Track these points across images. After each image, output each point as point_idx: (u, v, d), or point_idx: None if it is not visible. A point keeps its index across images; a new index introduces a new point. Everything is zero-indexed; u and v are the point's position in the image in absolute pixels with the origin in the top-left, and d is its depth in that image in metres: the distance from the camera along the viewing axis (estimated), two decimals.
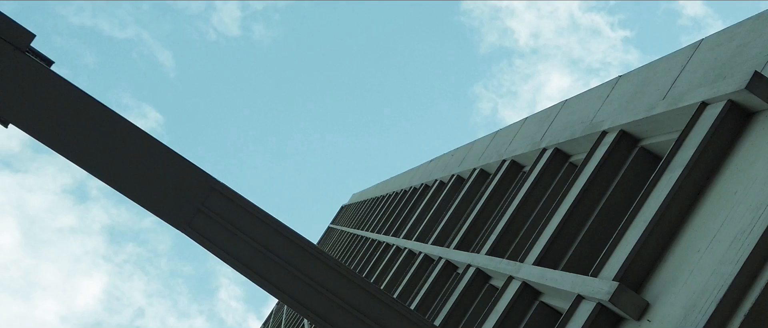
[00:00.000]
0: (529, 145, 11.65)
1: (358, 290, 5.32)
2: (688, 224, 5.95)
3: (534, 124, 12.66)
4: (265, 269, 5.39)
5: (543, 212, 9.69)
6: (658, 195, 6.29)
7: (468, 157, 16.78)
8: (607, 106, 9.43)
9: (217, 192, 5.52)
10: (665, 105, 7.28)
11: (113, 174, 5.41)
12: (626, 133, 8.02)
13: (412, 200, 21.31)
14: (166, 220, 5.52)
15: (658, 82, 8.17)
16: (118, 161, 5.42)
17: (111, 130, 5.43)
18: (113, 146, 5.43)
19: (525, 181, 10.61)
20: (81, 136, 5.39)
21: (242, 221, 5.46)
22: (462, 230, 12.63)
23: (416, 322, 5.29)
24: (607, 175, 7.98)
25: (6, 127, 5.40)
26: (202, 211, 5.50)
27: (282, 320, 41.33)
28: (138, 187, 5.44)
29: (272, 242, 5.42)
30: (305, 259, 5.38)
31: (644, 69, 9.03)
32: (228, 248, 5.45)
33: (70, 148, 5.37)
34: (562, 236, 7.99)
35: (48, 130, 5.36)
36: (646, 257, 6.05)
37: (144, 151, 5.46)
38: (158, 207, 5.48)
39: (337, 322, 5.31)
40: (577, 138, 9.50)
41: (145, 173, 5.44)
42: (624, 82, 9.47)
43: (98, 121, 5.42)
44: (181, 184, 5.49)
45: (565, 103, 11.70)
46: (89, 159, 5.39)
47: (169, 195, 5.48)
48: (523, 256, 8.62)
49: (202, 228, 5.48)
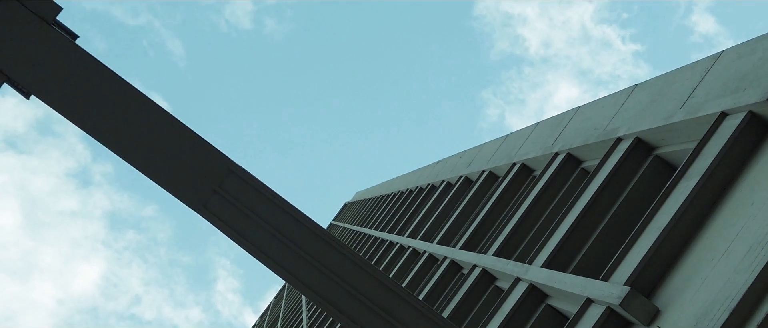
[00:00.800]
0: (541, 150, 11.65)
1: (370, 280, 5.32)
2: (702, 232, 5.94)
3: (546, 128, 12.65)
4: (278, 253, 5.39)
5: (553, 216, 9.68)
6: (673, 202, 6.29)
7: (477, 160, 16.77)
8: (622, 113, 9.42)
9: (234, 175, 5.52)
10: (683, 114, 7.28)
11: (132, 151, 5.42)
12: (641, 141, 8.01)
13: (417, 199, 21.30)
14: (182, 200, 5.52)
15: (675, 91, 8.15)
16: (137, 139, 5.43)
17: (132, 108, 5.43)
18: (134, 123, 5.43)
19: (535, 184, 10.60)
20: (102, 111, 5.40)
21: (258, 204, 5.47)
22: (469, 231, 12.63)
23: (427, 314, 5.29)
24: (621, 181, 7.98)
25: (28, 98, 5.41)
26: (218, 192, 5.50)
27: (280, 313, 41.36)
28: (156, 165, 5.44)
29: (287, 227, 5.42)
30: (319, 246, 5.37)
31: (661, 78, 9.01)
32: (242, 231, 5.45)
33: (91, 122, 5.38)
34: (572, 240, 7.99)
35: (69, 104, 5.36)
36: (659, 264, 6.05)
37: (164, 129, 5.46)
38: (175, 187, 5.48)
39: (347, 310, 5.31)
40: (590, 144, 9.49)
41: (163, 152, 5.45)
42: (640, 90, 9.45)
43: (120, 97, 5.42)
44: (198, 164, 5.49)
45: (579, 109, 11.69)
46: (108, 134, 5.40)
47: (187, 175, 5.48)
48: (531, 258, 8.62)
49: (218, 210, 5.48)
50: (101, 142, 5.40)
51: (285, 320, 34.94)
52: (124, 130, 5.41)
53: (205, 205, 5.49)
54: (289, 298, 43.79)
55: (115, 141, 5.40)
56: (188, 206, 5.53)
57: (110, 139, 5.40)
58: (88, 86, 5.40)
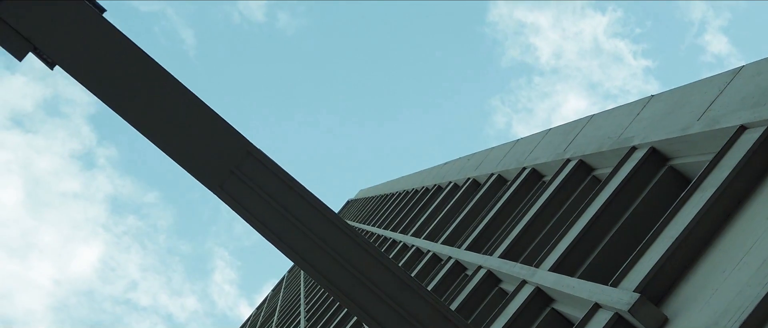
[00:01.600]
0: (552, 155, 11.65)
1: (383, 271, 5.32)
2: (715, 244, 5.94)
3: (558, 135, 12.66)
4: (292, 238, 5.40)
5: (562, 221, 9.69)
6: (687, 212, 6.29)
7: (485, 163, 16.78)
8: (637, 123, 9.42)
9: (252, 157, 5.53)
10: (701, 126, 7.28)
11: (152, 127, 5.43)
12: (656, 151, 8.01)
13: (423, 199, 21.31)
14: (198, 178, 5.53)
15: (693, 104, 8.16)
16: (158, 115, 5.44)
17: (155, 84, 5.45)
18: (156, 100, 5.44)
19: (545, 189, 10.60)
20: (125, 85, 5.41)
21: (275, 188, 5.47)
22: (475, 232, 12.63)
23: (439, 309, 5.30)
24: (633, 189, 7.98)
25: (52, 69, 5.42)
26: (235, 174, 5.51)
27: (277, 306, 41.38)
28: (175, 143, 5.45)
29: (303, 213, 5.42)
30: (334, 233, 5.38)
31: (678, 91, 9.02)
32: (258, 214, 5.46)
33: (113, 96, 5.39)
34: (581, 245, 7.99)
35: (93, 77, 5.38)
36: (670, 272, 6.05)
37: (186, 108, 5.47)
38: (192, 165, 5.49)
39: (358, 299, 5.31)
40: (603, 152, 9.49)
41: (183, 130, 5.46)
42: (656, 101, 9.46)
43: (144, 73, 5.44)
44: (217, 144, 5.50)
45: (592, 117, 11.70)
46: (129, 109, 5.41)
47: (204, 154, 5.49)
48: (538, 261, 8.62)
49: (234, 191, 5.49)
50: (121, 116, 5.41)
51: (282, 313, 34.96)
52: (146, 106, 5.42)
53: (222, 185, 5.50)
54: (287, 291, 43.82)
55: (135, 116, 5.42)
56: (205, 185, 5.54)
57: (131, 113, 5.41)
58: (112, 60, 5.41)
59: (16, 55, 5.30)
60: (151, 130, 5.42)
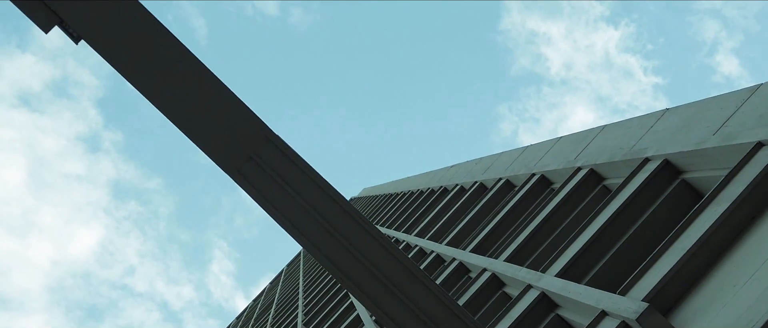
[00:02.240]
0: (563, 163, 11.66)
1: (397, 265, 5.33)
2: (727, 258, 5.95)
3: (569, 143, 12.66)
4: (307, 227, 5.41)
5: (570, 228, 9.70)
6: (700, 225, 6.30)
7: (493, 167, 16.78)
8: (650, 135, 9.42)
9: (272, 144, 5.53)
10: (716, 141, 7.29)
11: (174, 107, 5.44)
12: (670, 163, 8.02)
13: (428, 200, 21.31)
14: (216, 162, 5.54)
15: (709, 119, 8.16)
16: (181, 96, 5.45)
17: (179, 64, 5.46)
18: (179, 80, 5.45)
19: (554, 196, 10.61)
20: (150, 64, 5.43)
21: (293, 176, 5.48)
22: (480, 235, 12.64)
23: (449, 305, 5.31)
24: (644, 200, 7.99)
25: (77, 43, 5.44)
26: (254, 160, 5.51)
27: (274, 299, 41.40)
28: (196, 124, 5.46)
29: (320, 202, 5.43)
30: (350, 225, 5.39)
31: (694, 105, 9.02)
32: (274, 201, 5.47)
33: (136, 73, 5.41)
34: (589, 253, 8.00)
35: (118, 53, 5.39)
36: (679, 284, 6.06)
37: (208, 90, 5.48)
38: (211, 148, 5.50)
39: (370, 291, 5.32)
40: (616, 162, 9.50)
41: (205, 111, 5.47)
42: (671, 115, 9.46)
43: (168, 53, 5.45)
44: (237, 129, 5.51)
45: (604, 128, 11.71)
46: (153, 87, 5.42)
47: (224, 138, 5.50)
48: (545, 267, 8.63)
49: (252, 177, 5.50)
50: (143, 94, 5.42)
51: (279, 306, 34.97)
52: (169, 86, 5.44)
53: (239, 170, 5.51)
54: (285, 285, 43.83)
55: (157, 95, 5.43)
56: (222, 169, 5.55)
57: (153, 92, 5.42)
58: (137, 38, 5.42)
59: (43, 28, 5.32)
60: (172, 111, 5.43)
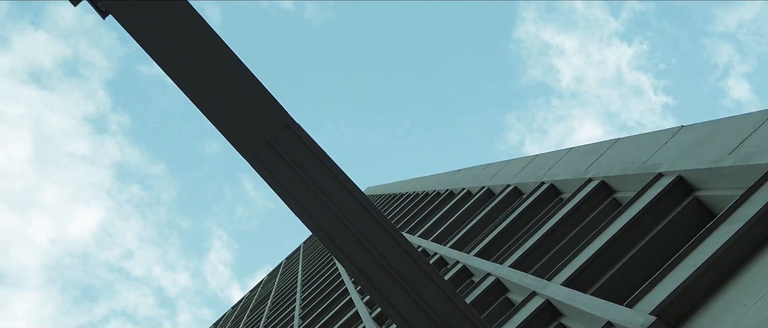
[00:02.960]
0: (573, 173, 11.64)
1: (408, 260, 5.33)
2: (737, 277, 5.93)
3: (580, 154, 12.65)
4: (321, 216, 5.41)
5: (578, 238, 9.68)
6: (712, 243, 6.28)
7: (501, 173, 16.77)
8: (664, 151, 9.40)
9: (290, 131, 5.53)
10: (732, 160, 7.27)
11: (196, 87, 5.44)
12: (683, 180, 8.00)
13: (434, 203, 21.30)
14: (235, 146, 5.54)
15: (725, 138, 8.14)
16: (204, 76, 5.45)
17: (204, 45, 5.46)
18: (203, 60, 5.45)
19: (563, 205, 10.59)
20: (174, 42, 5.43)
21: (309, 165, 5.48)
22: (486, 240, 12.63)
23: (456, 303, 5.30)
24: (656, 215, 7.97)
25: (104, 18, 5.44)
26: (271, 146, 5.51)
27: (272, 291, 41.40)
28: (217, 106, 5.46)
29: (335, 193, 5.43)
30: (364, 217, 5.39)
31: (710, 124, 9.01)
32: (289, 188, 5.46)
33: (161, 51, 5.41)
34: (597, 263, 7.98)
35: (145, 30, 5.39)
36: (688, 300, 6.04)
37: (231, 72, 5.48)
38: (231, 131, 5.50)
39: (380, 284, 5.32)
40: (628, 175, 9.48)
41: (226, 94, 5.47)
42: (686, 132, 9.44)
43: (194, 32, 5.45)
44: (257, 114, 5.51)
45: (617, 141, 11.69)
46: (176, 66, 5.42)
47: (244, 122, 5.50)
48: (551, 275, 8.61)
49: (268, 162, 5.50)
50: (166, 72, 5.42)
51: (276, 298, 34.98)
52: (192, 65, 5.44)
53: (256, 155, 5.51)
54: (283, 278, 43.84)
55: (181, 73, 5.43)
56: (239, 152, 5.55)
57: (176, 70, 5.42)
58: (165, 16, 5.42)
59: (72, 0, 5.32)
60: (194, 91, 5.43)
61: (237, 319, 43.26)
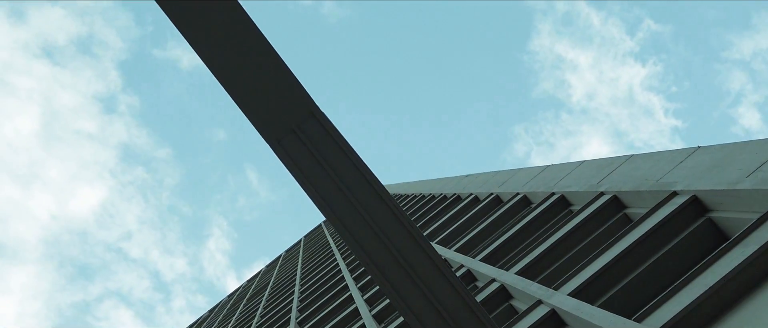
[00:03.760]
0: (585, 186, 11.64)
1: (422, 256, 5.33)
2: (749, 300, 5.93)
3: (592, 168, 12.64)
4: (340, 207, 5.41)
5: (587, 250, 9.68)
6: (725, 264, 6.28)
7: (511, 181, 16.76)
8: (679, 170, 9.40)
9: (315, 119, 5.53)
10: (749, 183, 7.27)
11: (225, 68, 5.44)
12: (698, 200, 8.00)
13: (440, 206, 21.30)
14: (259, 130, 5.54)
15: (742, 161, 8.14)
16: (233, 57, 5.45)
17: (235, 27, 5.46)
18: (233, 42, 5.46)
19: (574, 217, 10.59)
20: (207, 21, 5.43)
21: (332, 155, 5.48)
22: (492, 246, 12.62)
23: (467, 301, 5.30)
24: (668, 233, 7.97)
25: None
26: (295, 132, 5.51)
27: (270, 282, 41.42)
28: (244, 88, 5.46)
29: (355, 184, 5.43)
30: (382, 210, 5.39)
31: (727, 147, 9.01)
32: (310, 176, 5.47)
33: (193, 29, 5.41)
34: (606, 276, 7.98)
35: (177, 7, 5.39)
36: (698, 319, 6.04)
37: (260, 56, 5.48)
38: (255, 115, 5.50)
39: (392, 278, 5.32)
40: (641, 191, 9.48)
41: (254, 77, 5.47)
42: (702, 153, 9.44)
43: (227, 14, 5.45)
44: (283, 99, 5.51)
45: (631, 157, 11.69)
46: (207, 45, 5.43)
47: (270, 107, 5.50)
48: (558, 285, 8.61)
49: (291, 149, 5.50)
50: (196, 50, 5.43)
51: (274, 289, 34.98)
52: (223, 46, 5.44)
53: (280, 141, 5.51)
54: (282, 270, 43.85)
55: (210, 53, 5.43)
56: (263, 137, 5.56)
57: (206, 49, 5.43)
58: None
59: None
60: (223, 72, 5.43)
61: (233, 307, 43.29)
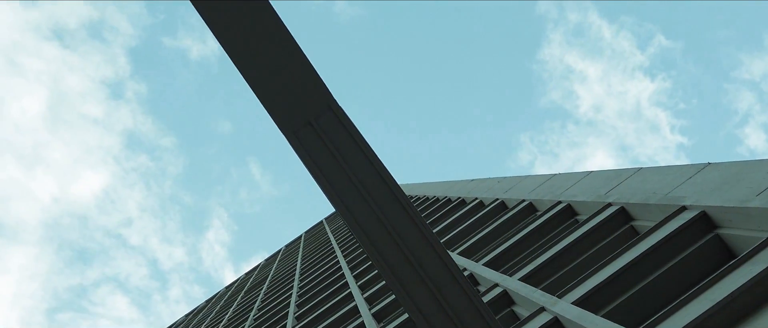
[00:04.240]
0: (592, 196, 11.64)
1: (432, 255, 5.33)
2: (755, 318, 5.93)
3: (600, 179, 12.64)
4: (352, 202, 5.41)
5: (592, 260, 9.68)
6: (733, 281, 6.28)
7: (517, 188, 16.76)
8: (688, 185, 9.40)
9: (332, 112, 5.54)
10: (760, 202, 7.26)
11: (245, 55, 5.45)
12: (707, 216, 8.00)
13: (444, 209, 21.30)
14: (275, 120, 5.54)
15: (753, 179, 8.14)
16: (254, 47, 5.46)
17: (259, 16, 5.46)
18: (256, 31, 5.46)
19: (580, 226, 10.59)
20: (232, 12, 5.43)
21: (347, 149, 5.48)
22: (496, 251, 12.62)
23: (474, 302, 5.31)
24: (675, 247, 7.97)
25: None
26: (311, 125, 5.52)
27: (269, 275, 41.44)
28: (264, 77, 5.47)
29: (370, 180, 5.43)
30: (395, 208, 5.39)
31: (738, 164, 9.00)
32: (325, 170, 5.47)
33: (216, 15, 5.42)
34: (611, 287, 7.98)
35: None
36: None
37: (281, 47, 5.48)
38: (273, 105, 5.51)
39: (402, 276, 5.33)
40: (649, 204, 9.48)
41: (275, 68, 5.47)
42: (712, 169, 9.44)
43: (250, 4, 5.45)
44: (302, 92, 5.51)
45: (640, 170, 11.69)
46: (229, 35, 5.43)
47: (288, 98, 5.50)
48: (562, 293, 8.61)
49: (307, 141, 5.51)
50: (219, 40, 5.44)
51: (273, 283, 35.00)
52: (245, 35, 5.45)
53: (296, 132, 5.52)
54: (282, 264, 43.87)
55: (233, 41, 5.44)
56: (280, 128, 5.56)
57: (229, 39, 5.43)
58: None
59: None
60: (244, 60, 5.43)
61: (230, 299, 43.31)
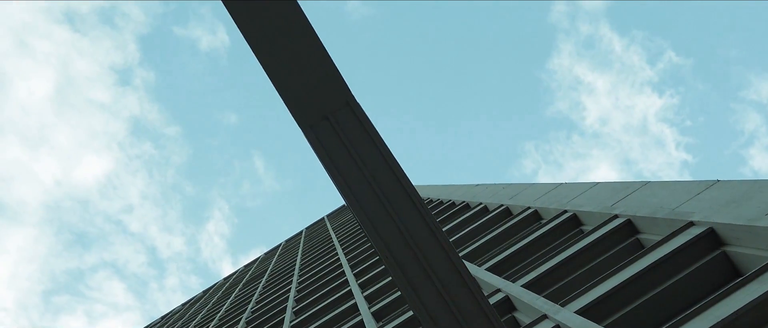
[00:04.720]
0: (598, 207, 11.64)
1: (441, 254, 5.34)
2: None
3: (607, 190, 12.65)
4: (366, 199, 5.42)
5: (596, 270, 9.69)
6: (739, 298, 6.29)
7: (522, 195, 16.77)
8: (696, 201, 9.41)
9: (349, 108, 5.54)
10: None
11: (267, 48, 5.46)
12: (715, 233, 8.01)
13: (447, 212, 21.31)
14: (293, 114, 5.56)
15: (762, 198, 8.14)
16: (276, 38, 5.47)
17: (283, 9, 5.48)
18: (278, 23, 5.47)
19: (585, 236, 10.60)
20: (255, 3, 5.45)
21: (363, 146, 5.49)
22: (499, 257, 12.63)
23: (481, 304, 5.31)
24: (681, 262, 7.98)
25: None
26: (328, 120, 5.53)
27: (268, 269, 41.47)
28: (283, 70, 5.48)
29: (383, 178, 5.44)
30: (407, 206, 5.40)
31: (746, 183, 9.01)
32: (339, 165, 5.48)
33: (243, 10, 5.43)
34: (616, 298, 7.99)
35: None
36: None
37: (302, 40, 5.50)
38: (291, 98, 5.52)
39: (411, 274, 5.34)
40: (656, 218, 9.48)
41: (295, 60, 5.48)
42: (721, 187, 9.45)
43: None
44: (321, 86, 5.52)
45: (647, 183, 11.69)
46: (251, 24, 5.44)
47: (306, 92, 5.51)
48: (566, 301, 8.62)
49: (322, 136, 5.52)
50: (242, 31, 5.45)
51: (272, 277, 35.02)
52: (267, 26, 5.46)
53: (312, 127, 5.53)
54: (281, 258, 43.88)
55: (255, 33, 5.45)
56: (296, 121, 5.58)
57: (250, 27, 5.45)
58: None
59: None
60: (264, 51, 5.44)
61: (228, 291, 43.34)
